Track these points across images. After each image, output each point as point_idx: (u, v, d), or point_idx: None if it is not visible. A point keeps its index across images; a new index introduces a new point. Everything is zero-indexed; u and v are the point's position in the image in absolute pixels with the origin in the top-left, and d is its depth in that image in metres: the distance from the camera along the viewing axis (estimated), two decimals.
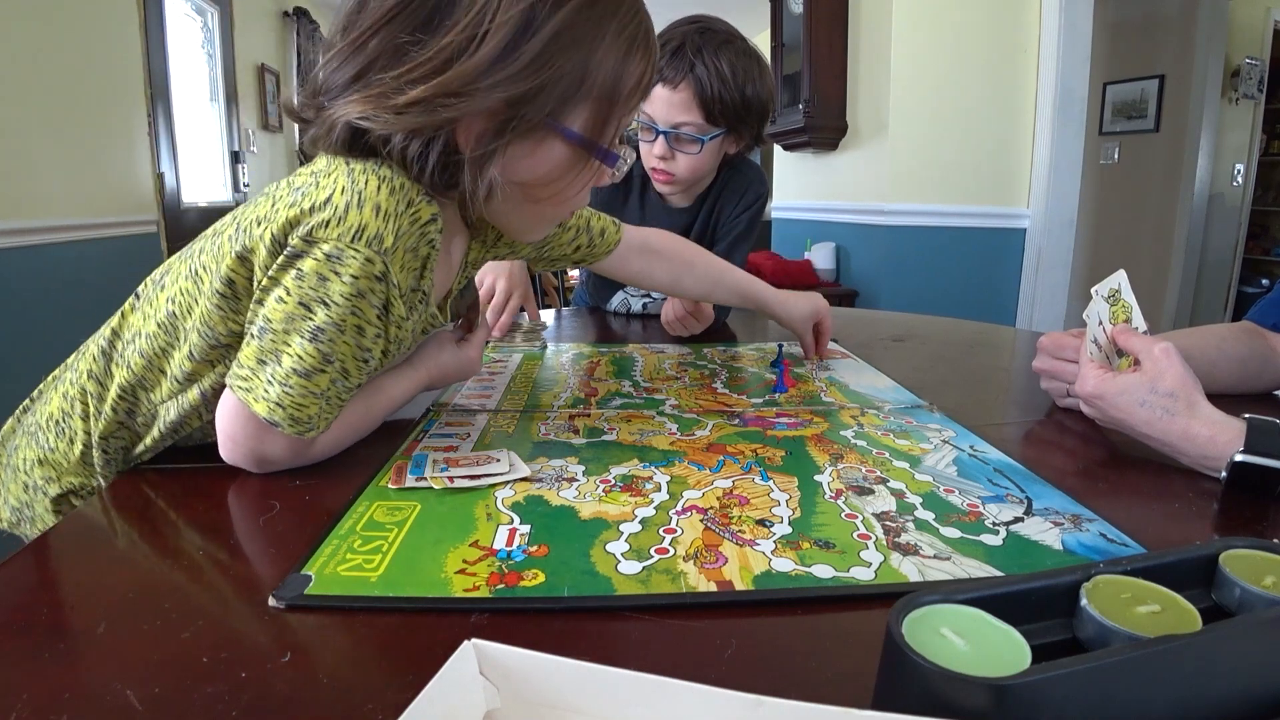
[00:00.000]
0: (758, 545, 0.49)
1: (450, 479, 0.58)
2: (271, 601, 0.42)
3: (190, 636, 0.39)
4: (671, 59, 1.12)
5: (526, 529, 0.51)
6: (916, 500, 0.56)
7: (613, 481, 0.59)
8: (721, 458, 0.64)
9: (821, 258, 3.31)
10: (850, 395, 0.84)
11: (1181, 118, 3.76)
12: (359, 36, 0.54)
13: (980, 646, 0.29)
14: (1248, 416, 0.58)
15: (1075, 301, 2.98)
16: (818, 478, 0.60)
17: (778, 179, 4.01)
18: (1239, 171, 4.22)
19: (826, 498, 0.56)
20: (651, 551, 0.48)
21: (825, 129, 3.22)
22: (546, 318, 1.38)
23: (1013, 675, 0.26)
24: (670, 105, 1.14)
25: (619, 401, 0.81)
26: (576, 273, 1.99)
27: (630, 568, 0.46)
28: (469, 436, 0.70)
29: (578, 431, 0.71)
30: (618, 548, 0.48)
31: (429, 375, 0.74)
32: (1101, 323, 0.70)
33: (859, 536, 0.50)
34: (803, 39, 3.15)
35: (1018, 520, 0.53)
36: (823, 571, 0.45)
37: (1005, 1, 2.79)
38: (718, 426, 0.73)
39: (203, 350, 0.59)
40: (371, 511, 0.53)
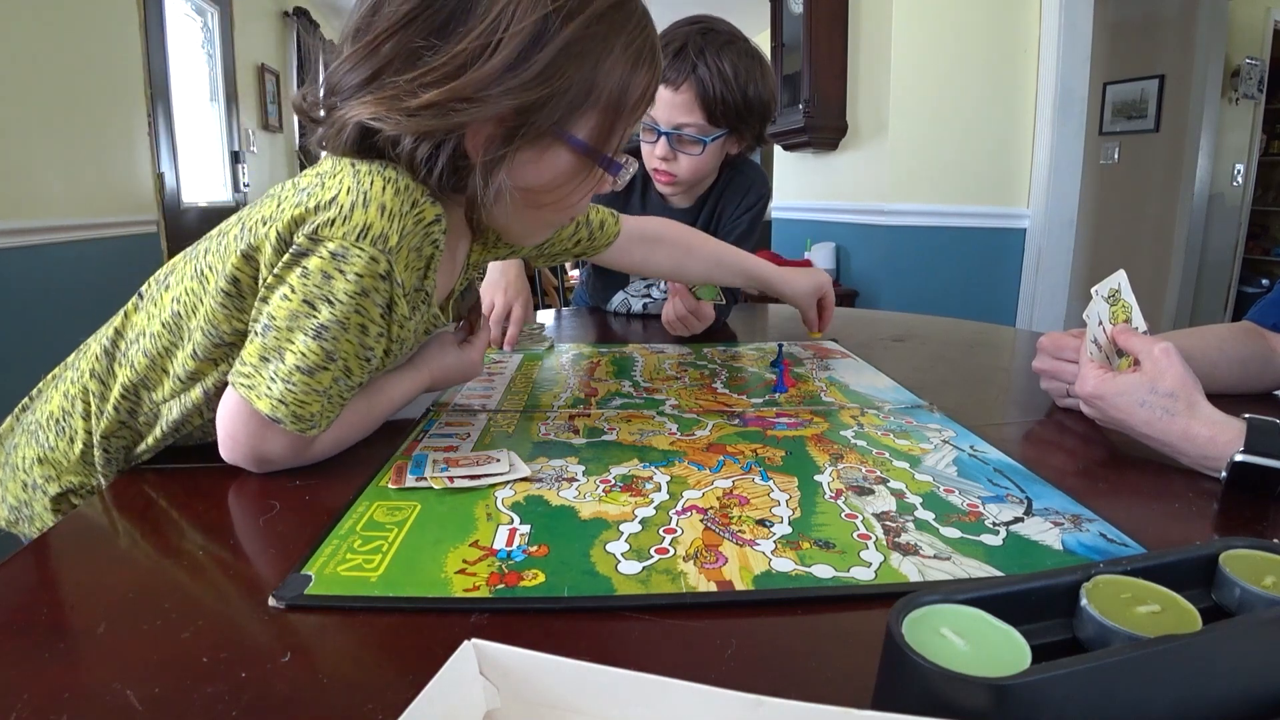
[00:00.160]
0: (758, 545, 0.49)
1: (450, 479, 0.58)
2: (271, 601, 0.42)
3: (190, 636, 0.39)
4: (674, 60, 1.11)
5: (526, 529, 0.51)
6: (916, 500, 0.56)
7: (613, 481, 0.59)
8: (721, 458, 0.64)
9: (821, 258, 3.31)
10: (850, 395, 0.84)
11: (1181, 118, 3.77)
12: (373, 40, 0.55)
13: (980, 646, 0.29)
14: (1248, 416, 0.58)
15: (1075, 301, 2.98)
16: (818, 478, 0.60)
17: (778, 179, 4.00)
18: (1239, 171, 4.22)
19: (826, 498, 0.56)
20: (651, 551, 0.48)
21: (825, 129, 3.22)
22: (546, 318, 1.38)
23: (1013, 675, 0.26)
24: (673, 106, 1.13)
25: (619, 401, 0.81)
26: (576, 272, 1.99)
27: (630, 568, 0.46)
28: (469, 436, 0.70)
29: (578, 431, 0.71)
30: (618, 548, 0.48)
31: (431, 376, 0.74)
32: (1101, 323, 0.70)
33: (859, 536, 0.50)
34: (803, 39, 3.15)
35: (1018, 520, 0.53)
36: (823, 571, 0.45)
37: (1005, 1, 2.79)
38: (718, 426, 0.73)
39: (206, 349, 0.60)
40: (371, 511, 0.53)
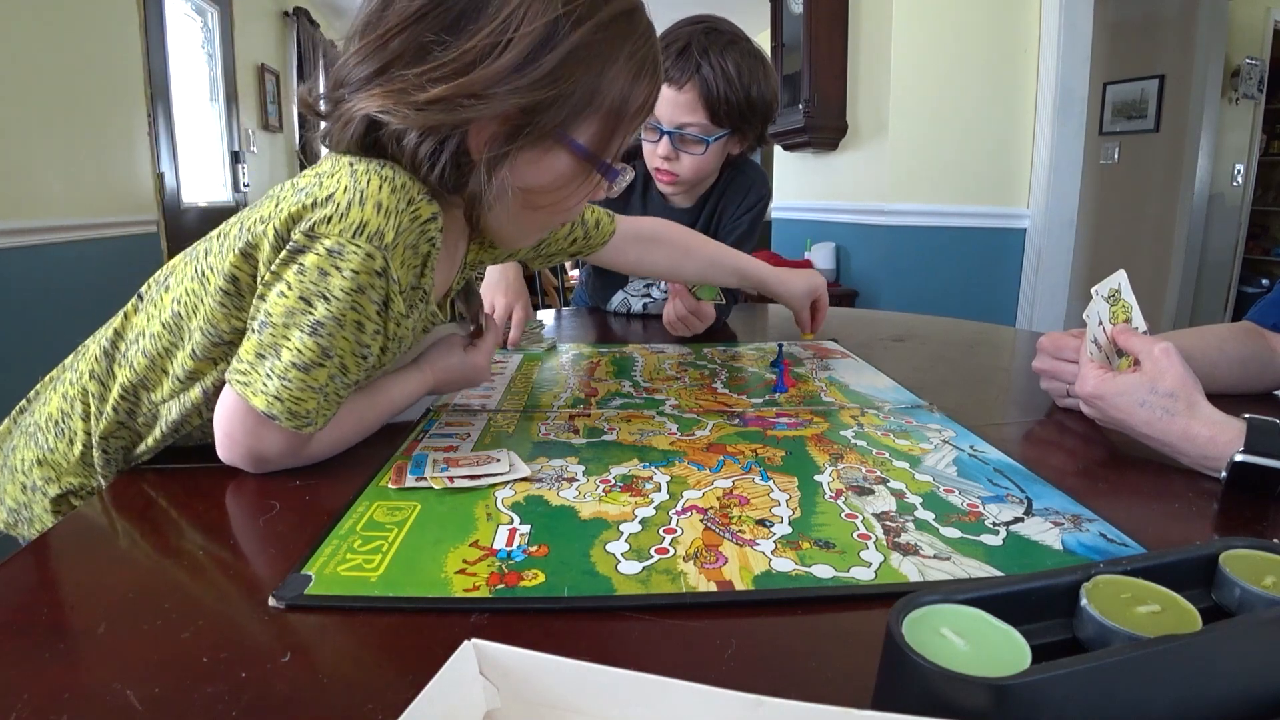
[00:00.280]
0: (758, 545, 0.49)
1: (450, 479, 0.58)
2: (271, 601, 0.42)
3: (190, 636, 0.39)
4: (677, 59, 1.11)
5: (526, 529, 0.51)
6: (916, 500, 0.56)
7: (613, 481, 0.59)
8: (721, 458, 0.64)
9: (821, 258, 3.31)
10: (850, 395, 0.84)
11: (1181, 118, 3.76)
12: (384, 34, 0.55)
13: (980, 646, 0.29)
14: (1248, 416, 0.58)
15: (1075, 301, 2.98)
16: (818, 478, 0.60)
17: (778, 179, 4.00)
18: (1239, 171, 4.22)
19: (826, 498, 0.56)
20: (651, 551, 0.48)
21: (825, 129, 3.22)
22: (546, 318, 1.37)
23: (1013, 675, 0.26)
24: (675, 106, 1.13)
25: (619, 401, 0.81)
26: (576, 273, 1.99)
27: (630, 568, 0.46)
28: (469, 436, 0.70)
29: (578, 431, 0.71)
30: (618, 548, 0.48)
31: (434, 379, 0.73)
32: (1101, 323, 0.70)
33: (859, 536, 0.50)
34: (803, 39, 3.15)
35: (1018, 520, 0.53)
36: (823, 571, 0.45)
37: (1005, 1, 2.79)
38: (718, 426, 0.73)
39: (205, 348, 0.60)
40: (371, 511, 0.53)
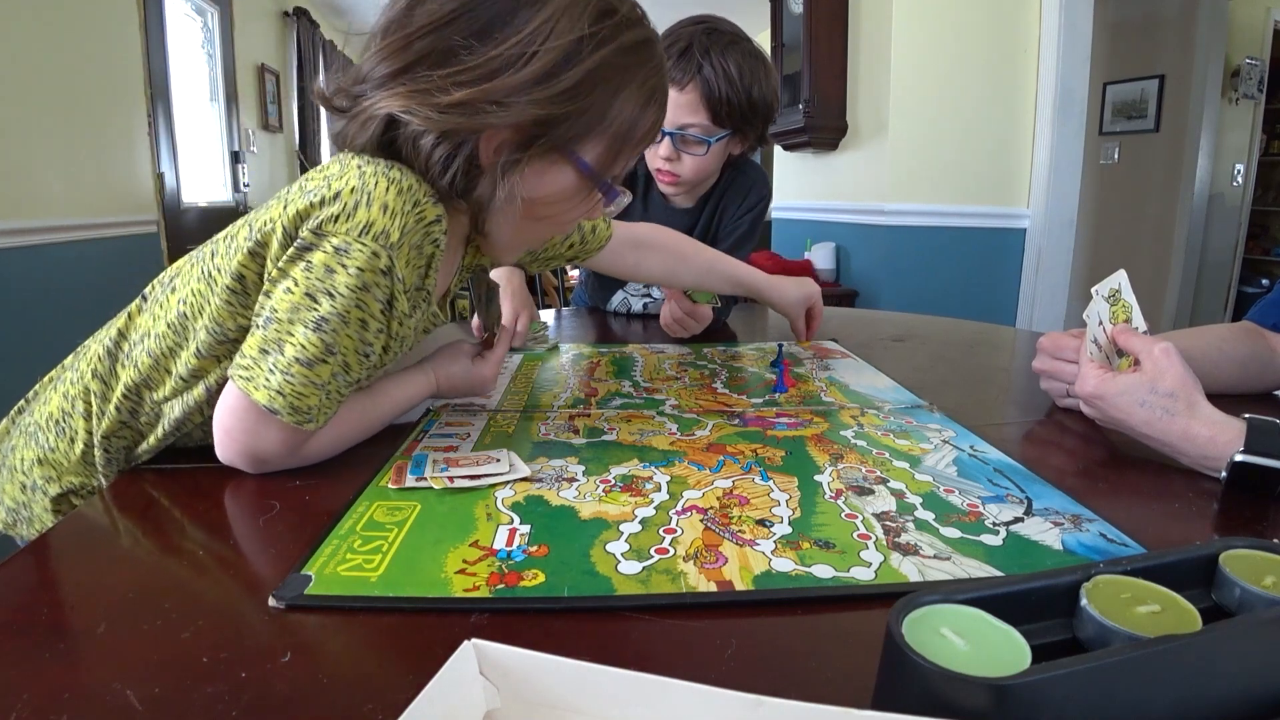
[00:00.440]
0: (758, 545, 0.49)
1: (450, 479, 0.58)
2: (271, 601, 0.42)
3: (190, 636, 0.39)
4: (679, 60, 1.10)
5: (526, 529, 0.51)
6: (916, 500, 0.56)
7: (613, 481, 0.59)
8: (721, 458, 0.64)
9: (821, 258, 3.31)
10: (850, 395, 0.84)
11: (1181, 118, 3.76)
12: (410, 34, 0.56)
13: (980, 646, 0.29)
14: (1248, 416, 0.58)
15: (1075, 301, 2.98)
16: (818, 478, 0.60)
17: (778, 179, 4.00)
18: (1239, 171, 4.22)
19: (826, 498, 0.56)
20: (651, 551, 0.48)
21: (825, 129, 3.22)
22: (546, 318, 1.37)
23: (1013, 675, 0.26)
24: (677, 106, 1.12)
25: (619, 401, 0.81)
26: (576, 273, 1.99)
27: (630, 568, 0.46)
28: (469, 436, 0.70)
29: (578, 431, 0.71)
30: (618, 548, 0.48)
31: (437, 384, 0.74)
32: (1101, 323, 0.70)
33: (859, 536, 0.50)
34: (803, 39, 3.15)
35: (1018, 520, 0.53)
36: (823, 571, 0.45)
37: (1005, 1, 2.79)
38: (718, 426, 0.73)
39: (210, 346, 0.60)
40: (371, 511, 0.53)
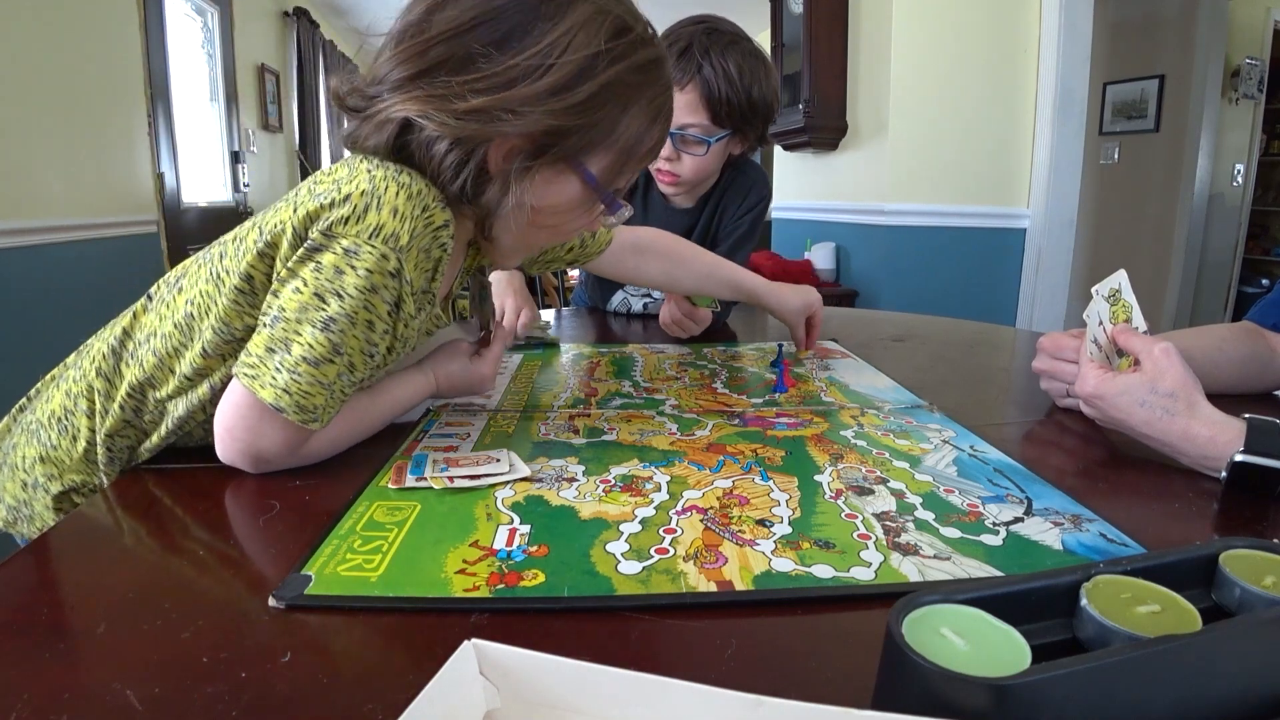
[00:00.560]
0: (758, 545, 0.49)
1: (450, 479, 0.58)
2: (271, 601, 0.42)
3: (190, 636, 0.39)
4: (679, 60, 1.10)
5: (526, 529, 0.51)
6: (916, 500, 0.56)
7: (613, 481, 0.59)
8: (721, 458, 0.64)
9: (821, 258, 3.30)
10: (850, 395, 0.84)
11: (1181, 118, 3.76)
12: (429, 39, 0.57)
13: (980, 646, 0.29)
14: (1248, 416, 0.58)
15: (1075, 301, 2.97)
16: (818, 478, 0.60)
17: (778, 179, 4.00)
18: (1239, 171, 4.22)
19: (826, 498, 0.56)
20: (651, 551, 0.48)
21: (825, 129, 3.21)
22: (546, 318, 1.37)
23: (1013, 675, 0.26)
24: (677, 106, 1.12)
25: (619, 401, 0.81)
26: (576, 273, 1.99)
27: (630, 568, 0.46)
28: (469, 436, 0.70)
29: (578, 431, 0.71)
30: (618, 548, 0.48)
31: (437, 383, 0.74)
32: (1101, 323, 0.70)
33: (859, 536, 0.50)
34: (803, 39, 3.15)
35: (1018, 520, 0.53)
36: (823, 571, 0.45)
37: (1005, 1, 2.79)
38: (718, 426, 0.73)
39: (216, 345, 0.60)
40: (371, 511, 0.53)
